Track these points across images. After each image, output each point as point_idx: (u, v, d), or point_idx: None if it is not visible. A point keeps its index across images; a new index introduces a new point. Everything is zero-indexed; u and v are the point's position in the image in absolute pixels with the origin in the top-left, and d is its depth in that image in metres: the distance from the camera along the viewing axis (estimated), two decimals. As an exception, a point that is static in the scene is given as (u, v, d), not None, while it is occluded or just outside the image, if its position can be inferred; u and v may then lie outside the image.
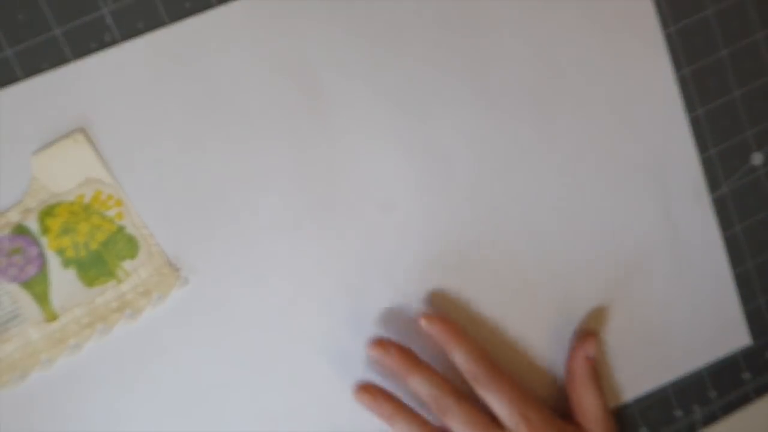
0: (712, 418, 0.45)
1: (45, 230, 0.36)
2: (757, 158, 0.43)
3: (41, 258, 0.36)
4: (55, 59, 0.35)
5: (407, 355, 0.38)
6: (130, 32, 0.36)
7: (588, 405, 0.39)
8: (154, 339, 0.37)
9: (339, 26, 0.37)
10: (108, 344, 0.37)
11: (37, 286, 0.36)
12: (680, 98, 0.41)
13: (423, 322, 0.38)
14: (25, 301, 0.36)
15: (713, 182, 0.43)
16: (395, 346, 0.38)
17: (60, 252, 0.36)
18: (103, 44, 0.36)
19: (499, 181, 0.40)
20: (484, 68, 0.39)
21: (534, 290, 0.41)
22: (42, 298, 0.36)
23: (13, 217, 0.35)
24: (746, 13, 0.42)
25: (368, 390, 0.39)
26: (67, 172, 0.35)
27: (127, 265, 0.36)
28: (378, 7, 0.38)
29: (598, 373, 0.40)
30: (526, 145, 0.40)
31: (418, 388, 0.38)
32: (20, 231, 0.35)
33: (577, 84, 0.40)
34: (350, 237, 0.39)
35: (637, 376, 0.43)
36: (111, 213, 0.36)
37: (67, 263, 0.36)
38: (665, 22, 0.41)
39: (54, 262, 0.36)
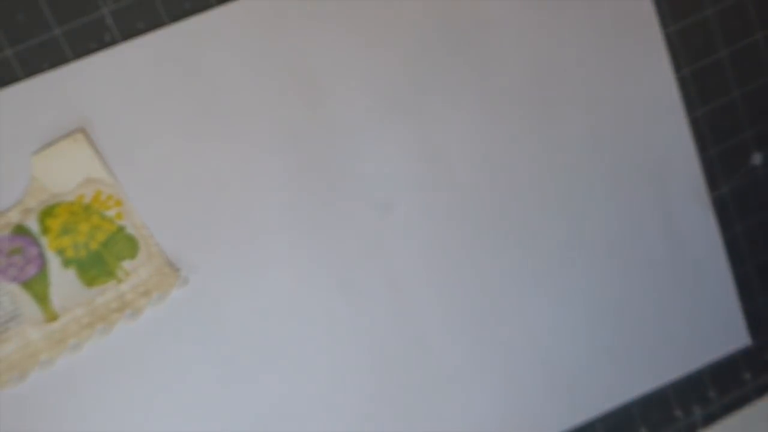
0: (712, 418, 0.45)
1: (45, 230, 0.36)
2: (757, 158, 0.43)
3: (41, 258, 0.36)
4: (56, 59, 0.35)
5: None
6: (130, 32, 0.36)
7: None
8: (154, 339, 0.37)
9: (339, 26, 0.37)
10: (108, 344, 0.37)
11: (37, 286, 0.36)
12: (680, 98, 0.41)
13: None
14: (25, 301, 0.36)
15: (713, 182, 0.43)
16: None
17: (60, 252, 0.36)
18: (103, 44, 0.36)
19: (498, 180, 0.40)
20: (484, 68, 0.39)
21: (532, 287, 0.41)
22: (42, 298, 0.36)
23: (14, 217, 0.35)
24: (746, 13, 0.42)
25: None
26: (67, 172, 0.35)
27: (127, 265, 0.36)
28: (378, 6, 0.38)
29: None
30: (526, 144, 0.40)
31: None
32: (20, 231, 0.35)
33: (576, 84, 0.40)
34: (350, 237, 0.39)
35: (637, 376, 0.43)
36: (111, 213, 0.36)
37: (67, 263, 0.36)
38: (665, 22, 0.41)
39: (54, 262, 0.36)
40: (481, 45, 0.39)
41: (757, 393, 0.45)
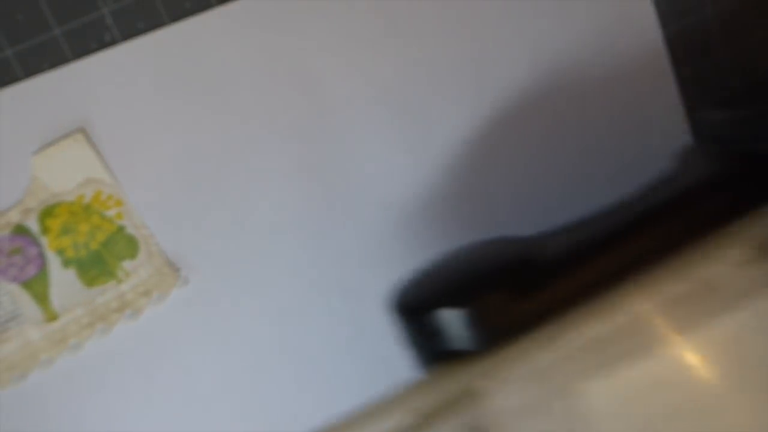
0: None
1: (45, 230, 0.36)
2: (756, 158, 0.43)
3: (41, 258, 0.36)
4: (55, 59, 0.35)
5: None
6: (130, 32, 0.36)
7: None
8: (154, 339, 0.37)
9: (339, 25, 0.37)
10: (108, 344, 0.37)
11: (37, 286, 0.36)
12: (680, 99, 0.41)
13: None
14: (25, 301, 0.36)
15: (713, 182, 0.43)
16: None
17: (60, 252, 0.36)
18: (103, 44, 0.36)
19: (499, 179, 0.40)
20: (483, 68, 0.39)
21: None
22: (42, 298, 0.36)
23: (13, 217, 0.35)
24: (746, 13, 0.42)
25: None
26: (67, 172, 0.35)
27: (127, 265, 0.36)
28: (378, 6, 0.38)
29: None
30: (525, 144, 0.40)
31: None
32: (20, 231, 0.35)
33: (576, 84, 0.40)
34: (350, 236, 0.39)
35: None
36: (111, 213, 0.36)
37: (67, 263, 0.36)
38: (665, 22, 0.41)
39: (54, 262, 0.36)
40: (481, 44, 0.39)
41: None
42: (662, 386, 0.20)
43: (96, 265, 0.36)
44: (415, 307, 0.23)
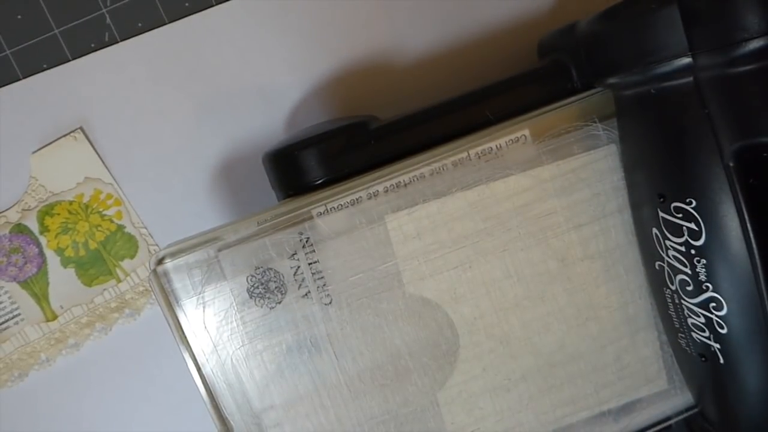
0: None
1: (44, 229, 0.36)
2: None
3: (41, 257, 0.36)
4: (55, 58, 0.35)
5: None
6: (129, 31, 0.36)
7: None
8: (153, 338, 0.37)
9: (338, 24, 0.37)
10: (107, 343, 0.37)
11: (36, 285, 0.36)
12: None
13: None
14: (25, 300, 0.36)
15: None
16: None
17: (59, 251, 0.36)
18: (102, 43, 0.36)
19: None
20: (482, 68, 0.39)
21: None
22: (41, 297, 0.36)
23: (13, 216, 0.35)
24: (752, 10, 0.41)
25: None
26: (66, 171, 0.35)
27: (126, 264, 0.36)
28: (377, 4, 0.37)
29: None
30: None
31: None
32: (20, 230, 0.35)
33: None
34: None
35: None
36: (110, 212, 0.36)
37: (66, 262, 0.36)
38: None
39: (53, 261, 0.36)
40: (480, 43, 0.38)
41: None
42: (449, 221, 0.28)
43: (95, 265, 0.36)
44: (277, 151, 0.30)
